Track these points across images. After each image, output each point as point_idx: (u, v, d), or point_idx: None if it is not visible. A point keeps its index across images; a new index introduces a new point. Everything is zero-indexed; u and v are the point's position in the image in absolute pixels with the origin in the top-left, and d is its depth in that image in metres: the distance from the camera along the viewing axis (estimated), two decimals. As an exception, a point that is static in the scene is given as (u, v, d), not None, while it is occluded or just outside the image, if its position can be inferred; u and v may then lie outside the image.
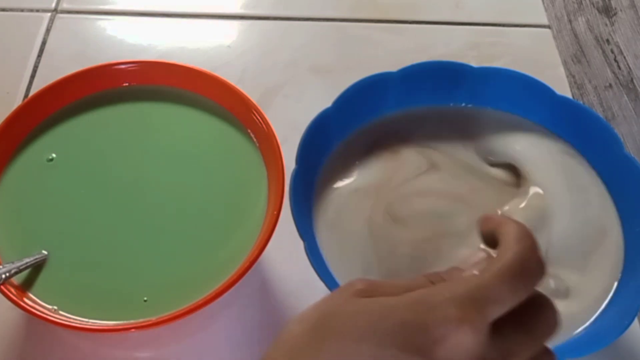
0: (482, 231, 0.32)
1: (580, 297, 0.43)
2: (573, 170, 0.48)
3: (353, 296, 0.28)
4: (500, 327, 0.26)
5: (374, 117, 0.50)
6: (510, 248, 0.28)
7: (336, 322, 0.27)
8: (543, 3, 0.69)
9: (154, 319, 0.40)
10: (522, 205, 0.46)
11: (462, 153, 0.49)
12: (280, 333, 0.28)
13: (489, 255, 0.30)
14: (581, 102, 0.59)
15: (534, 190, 0.47)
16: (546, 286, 0.43)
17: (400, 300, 0.27)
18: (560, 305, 0.37)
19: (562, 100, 0.50)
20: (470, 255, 0.31)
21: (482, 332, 0.25)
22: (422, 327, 0.25)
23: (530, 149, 0.49)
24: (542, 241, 0.45)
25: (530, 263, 0.27)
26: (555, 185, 0.47)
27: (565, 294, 0.43)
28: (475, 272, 0.29)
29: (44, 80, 0.55)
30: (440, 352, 0.25)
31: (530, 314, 0.27)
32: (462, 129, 0.50)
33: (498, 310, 0.26)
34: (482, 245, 0.32)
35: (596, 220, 0.46)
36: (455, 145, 0.50)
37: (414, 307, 0.26)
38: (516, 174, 0.48)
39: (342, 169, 0.48)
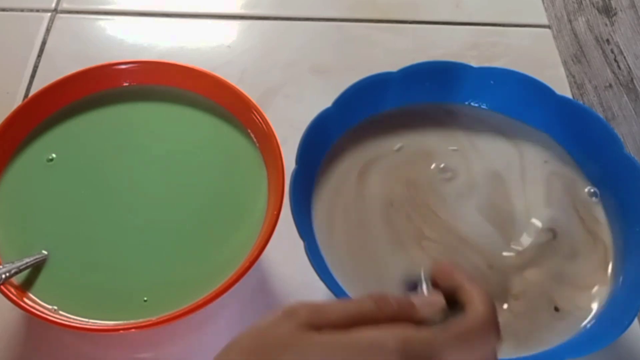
0: (436, 281, 0.31)
1: (580, 297, 0.43)
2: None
3: (298, 328, 0.27)
4: None
5: (374, 117, 0.50)
6: (477, 315, 0.28)
7: None
8: (543, 3, 0.69)
9: (154, 319, 0.40)
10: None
11: (462, 153, 0.49)
12: None
13: (443, 302, 0.30)
14: (581, 102, 0.59)
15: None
16: (547, 287, 0.43)
17: (352, 344, 0.26)
18: (561, 305, 0.37)
19: (562, 100, 0.50)
20: (424, 294, 0.31)
21: None
22: None
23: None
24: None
25: (489, 333, 0.28)
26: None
27: (565, 294, 0.43)
28: (427, 312, 0.29)
29: (44, 80, 0.55)
30: None
31: None
32: (462, 128, 0.50)
33: None
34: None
35: (594, 221, 0.47)
36: (455, 144, 0.50)
37: (366, 355, 0.26)
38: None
39: (342, 169, 0.48)
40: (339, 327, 0.27)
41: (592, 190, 0.48)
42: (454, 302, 0.30)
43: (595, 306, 0.43)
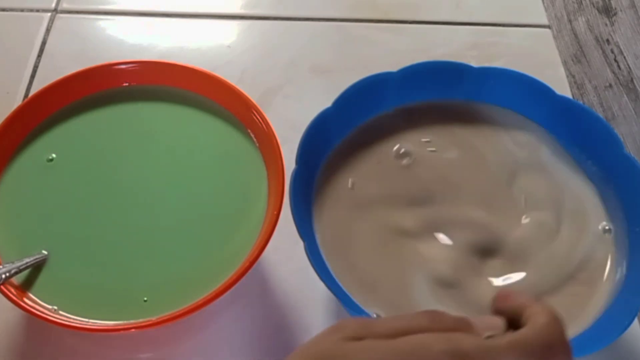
0: (499, 307, 0.29)
1: (580, 298, 0.43)
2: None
3: (343, 340, 0.26)
4: None
5: (374, 117, 0.50)
6: (535, 326, 0.26)
7: None
8: (543, 3, 0.69)
9: (154, 319, 0.40)
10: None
11: (461, 153, 0.49)
12: None
13: (504, 325, 0.28)
14: (581, 102, 0.59)
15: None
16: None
17: (393, 349, 0.25)
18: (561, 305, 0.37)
19: (562, 100, 0.50)
20: (484, 316, 0.29)
21: None
22: None
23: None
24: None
25: (555, 347, 0.25)
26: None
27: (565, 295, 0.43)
28: (487, 333, 0.27)
29: (44, 80, 0.55)
30: None
31: None
32: (462, 128, 0.50)
33: None
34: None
35: (594, 221, 0.47)
36: (455, 145, 0.50)
37: (402, 356, 0.24)
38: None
39: (342, 169, 0.48)
40: (383, 338, 0.26)
41: (593, 189, 0.48)
42: (518, 326, 0.27)
43: (595, 307, 0.43)
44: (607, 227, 0.46)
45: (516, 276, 0.44)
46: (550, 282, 0.43)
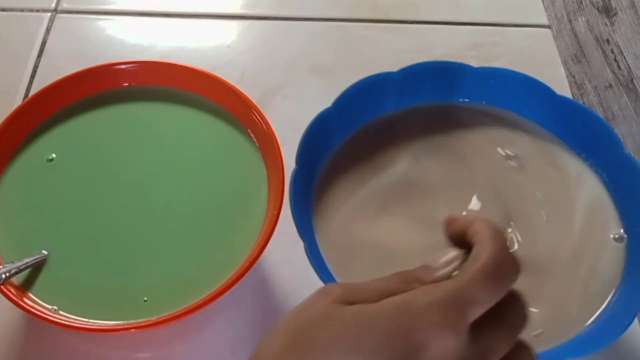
0: (449, 232, 0.32)
1: (580, 297, 0.43)
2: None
3: (332, 304, 0.28)
4: (477, 325, 0.27)
5: (374, 117, 0.50)
6: (484, 248, 0.28)
7: (319, 335, 0.26)
8: (543, 3, 0.69)
9: (154, 319, 0.40)
10: None
11: (462, 153, 0.49)
12: (258, 347, 0.28)
13: (460, 254, 0.30)
14: (581, 102, 0.59)
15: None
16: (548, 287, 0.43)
17: (382, 309, 0.27)
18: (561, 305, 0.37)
19: (562, 100, 0.50)
20: (441, 254, 0.31)
21: (463, 334, 0.26)
22: (406, 336, 0.26)
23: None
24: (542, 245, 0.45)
25: (506, 263, 0.28)
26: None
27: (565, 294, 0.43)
28: (448, 270, 0.30)
29: (44, 80, 0.55)
30: (424, 357, 0.25)
31: (503, 309, 0.28)
32: (462, 128, 0.51)
33: (477, 312, 0.27)
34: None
35: (595, 220, 0.47)
36: (455, 144, 0.50)
37: (396, 316, 0.26)
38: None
39: (342, 169, 0.48)
40: (369, 302, 0.27)
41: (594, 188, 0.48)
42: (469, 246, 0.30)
43: (595, 306, 0.43)
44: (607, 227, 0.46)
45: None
46: (555, 285, 0.43)
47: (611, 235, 0.46)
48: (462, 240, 0.31)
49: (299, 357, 0.26)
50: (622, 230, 0.45)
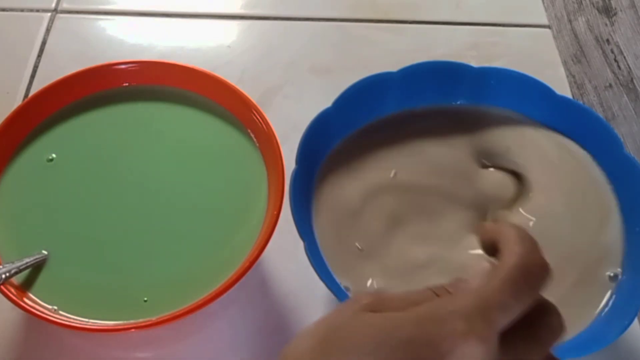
0: (481, 241, 0.31)
1: (580, 298, 0.43)
2: (574, 171, 0.48)
3: (360, 311, 0.28)
4: (507, 336, 0.26)
5: (374, 117, 0.50)
6: (511, 254, 0.27)
7: (343, 338, 0.26)
8: (543, 3, 0.69)
9: (154, 319, 0.40)
10: (524, 209, 0.46)
11: (462, 154, 0.49)
12: (287, 347, 0.28)
13: (492, 265, 0.29)
14: (581, 102, 0.59)
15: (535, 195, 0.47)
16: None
17: (407, 315, 0.26)
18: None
19: (562, 100, 0.50)
20: (474, 265, 0.31)
21: (490, 342, 0.25)
22: (429, 342, 0.25)
23: (530, 149, 0.49)
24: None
25: (534, 266, 0.27)
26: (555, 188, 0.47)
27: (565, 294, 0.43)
28: (479, 282, 0.28)
29: (44, 80, 0.55)
30: None
31: (535, 320, 0.27)
32: (463, 128, 0.50)
33: (505, 319, 0.26)
34: (481, 252, 0.31)
35: (596, 220, 0.47)
36: (456, 145, 0.50)
37: (421, 322, 0.26)
38: (516, 177, 0.48)
39: (342, 169, 0.48)
40: (397, 310, 0.27)
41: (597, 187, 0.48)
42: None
43: (595, 306, 0.43)
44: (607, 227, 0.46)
45: None
46: (554, 284, 0.43)
47: (610, 235, 0.46)
48: (494, 249, 0.30)
49: (320, 356, 0.26)
50: (621, 230, 0.45)
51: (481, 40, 0.65)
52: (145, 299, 0.42)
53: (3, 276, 0.40)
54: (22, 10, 0.66)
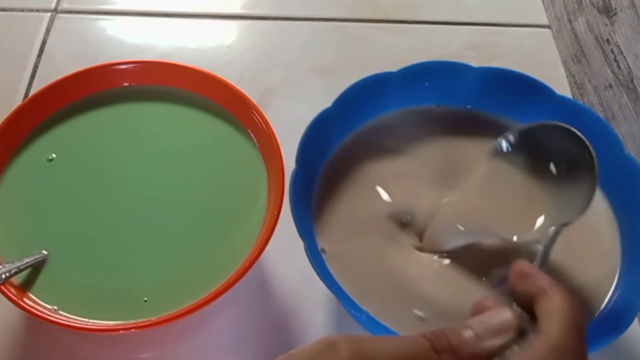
0: (515, 288, 0.27)
1: (579, 298, 0.43)
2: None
3: None
4: None
5: (374, 117, 0.50)
6: (544, 338, 0.23)
7: None
8: (543, 3, 0.69)
9: (154, 319, 0.40)
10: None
11: (463, 153, 0.49)
12: None
13: (513, 321, 0.25)
14: (581, 102, 0.59)
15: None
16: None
17: None
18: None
19: (562, 100, 0.50)
20: (488, 314, 0.26)
21: None
22: None
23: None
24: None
25: (574, 353, 0.23)
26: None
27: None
28: (495, 344, 0.24)
29: (44, 80, 0.55)
30: None
31: None
32: (463, 129, 0.50)
33: None
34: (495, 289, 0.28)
35: (594, 220, 0.47)
36: (456, 145, 0.50)
37: None
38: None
39: (342, 169, 0.48)
40: None
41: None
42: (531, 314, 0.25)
43: (594, 306, 0.43)
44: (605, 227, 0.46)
45: None
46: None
47: (610, 235, 0.46)
48: (525, 301, 0.26)
49: None
50: (620, 230, 0.45)
51: (481, 40, 0.65)
52: (145, 299, 0.42)
53: (3, 276, 0.40)
54: (22, 10, 0.66)
